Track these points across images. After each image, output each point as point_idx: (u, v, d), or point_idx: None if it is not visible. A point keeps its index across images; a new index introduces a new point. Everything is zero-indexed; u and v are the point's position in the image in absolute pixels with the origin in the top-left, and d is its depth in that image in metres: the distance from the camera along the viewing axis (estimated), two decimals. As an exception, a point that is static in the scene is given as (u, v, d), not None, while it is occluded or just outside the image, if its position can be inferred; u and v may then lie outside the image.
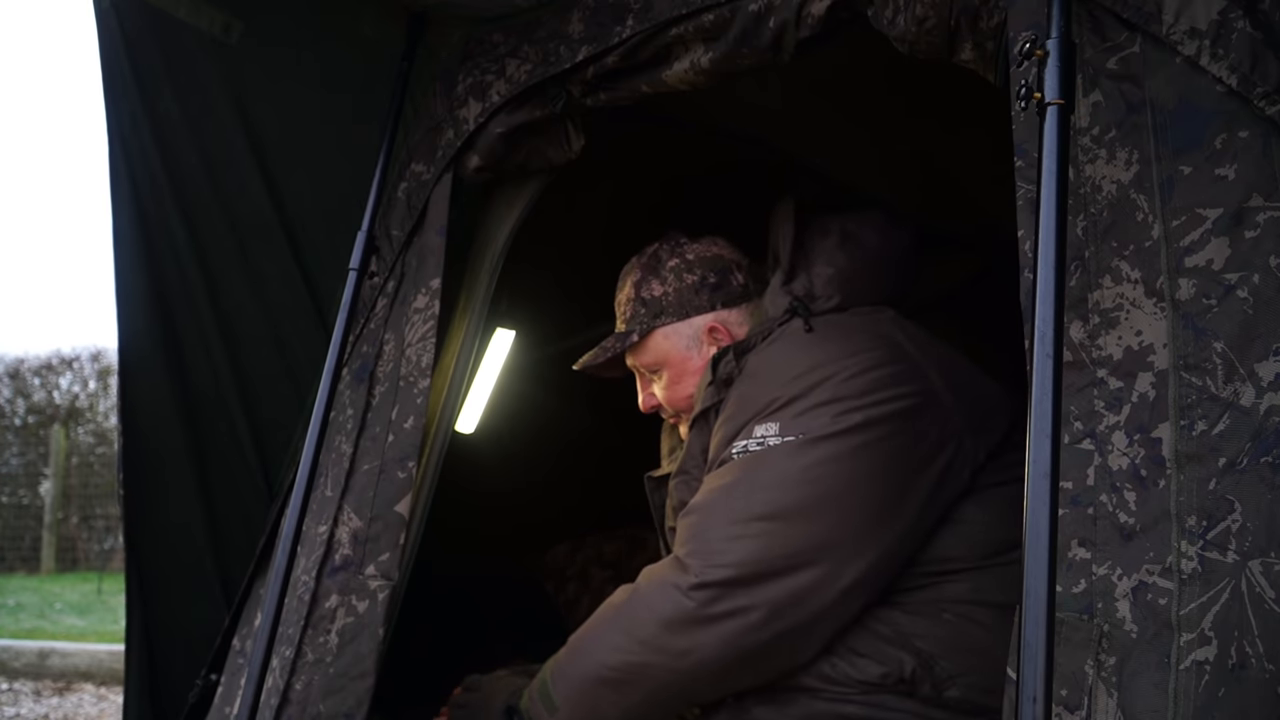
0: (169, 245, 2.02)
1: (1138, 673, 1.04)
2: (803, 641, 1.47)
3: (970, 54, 1.37)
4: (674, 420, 1.91)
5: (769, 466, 1.50)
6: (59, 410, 9.86)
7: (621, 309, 1.90)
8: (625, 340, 1.86)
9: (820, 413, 1.50)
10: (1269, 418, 1.03)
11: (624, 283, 1.91)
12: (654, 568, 1.56)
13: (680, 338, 1.85)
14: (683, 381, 1.85)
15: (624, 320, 1.89)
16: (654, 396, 1.91)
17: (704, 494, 1.57)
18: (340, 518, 1.75)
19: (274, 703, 1.65)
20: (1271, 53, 1.09)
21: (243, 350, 2.13)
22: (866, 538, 1.44)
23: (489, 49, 1.86)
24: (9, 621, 6.34)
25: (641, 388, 1.93)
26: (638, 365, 1.90)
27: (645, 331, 1.85)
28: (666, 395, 1.87)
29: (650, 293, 1.86)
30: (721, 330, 1.84)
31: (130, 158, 1.94)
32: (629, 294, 1.89)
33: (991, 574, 1.47)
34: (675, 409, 1.87)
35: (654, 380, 1.90)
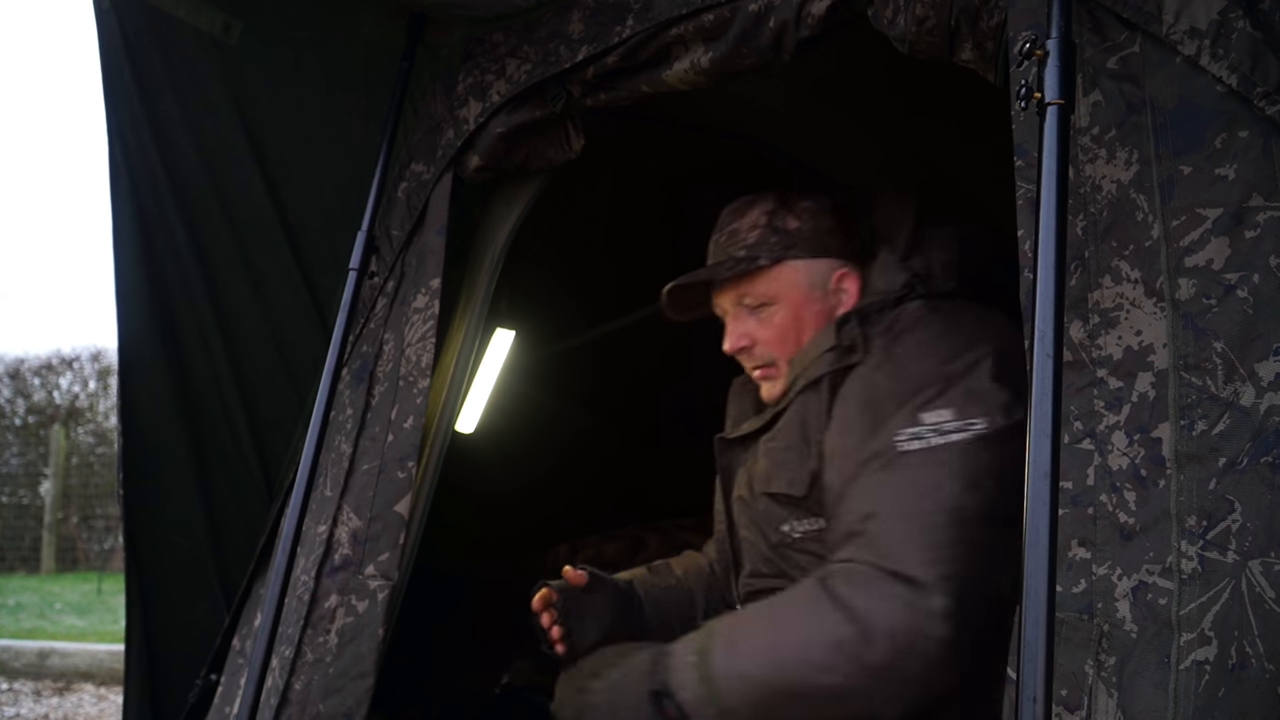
0: (169, 245, 2.02)
1: (1138, 673, 1.04)
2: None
3: (970, 54, 1.37)
4: (760, 372, 1.75)
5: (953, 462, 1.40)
6: (59, 410, 9.86)
7: (741, 236, 1.73)
8: (751, 263, 1.70)
9: (991, 394, 1.43)
10: (1269, 418, 1.03)
11: (745, 212, 1.75)
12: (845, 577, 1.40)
13: (807, 276, 1.72)
14: (795, 324, 1.71)
15: (743, 247, 1.72)
16: (748, 337, 1.73)
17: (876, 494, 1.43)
18: (340, 518, 1.75)
19: (274, 703, 1.65)
20: (1271, 53, 1.09)
21: (243, 350, 2.13)
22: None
23: (489, 49, 1.86)
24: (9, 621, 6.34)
25: (734, 325, 1.75)
26: (745, 297, 1.73)
27: (775, 259, 1.70)
28: (770, 336, 1.72)
29: (785, 224, 1.72)
30: (851, 282, 1.72)
31: (130, 158, 1.94)
32: (756, 221, 1.73)
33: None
34: (771, 356, 1.72)
35: (756, 316, 1.73)
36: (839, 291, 1.72)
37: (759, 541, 1.69)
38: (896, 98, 2.07)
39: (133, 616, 2.11)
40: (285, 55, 1.97)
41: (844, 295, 1.72)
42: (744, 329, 1.74)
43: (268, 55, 1.95)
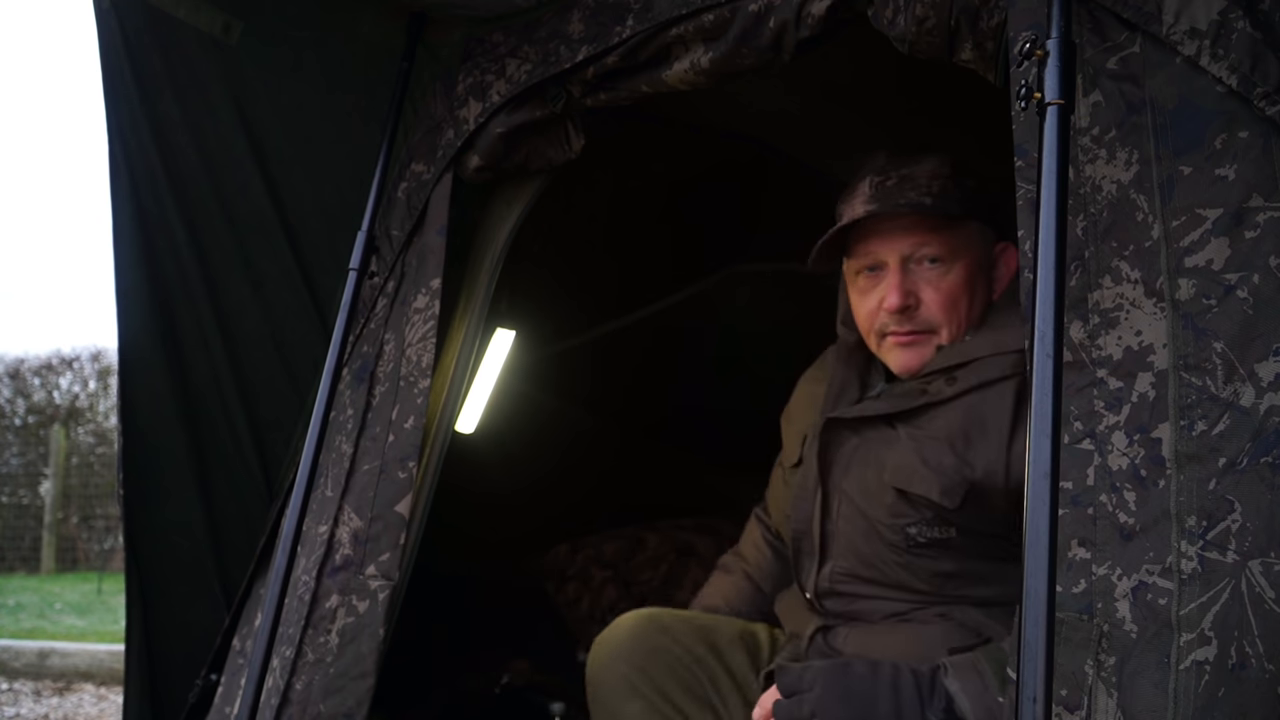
0: (169, 245, 2.02)
1: (1138, 673, 1.04)
2: None
3: (970, 54, 1.37)
4: (907, 338, 1.58)
5: None
6: (59, 410, 9.85)
7: (922, 183, 1.56)
8: (946, 211, 1.54)
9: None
10: (1269, 418, 1.03)
11: (919, 160, 1.59)
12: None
13: (985, 241, 1.60)
14: (967, 290, 1.57)
15: (929, 195, 1.55)
16: (914, 295, 1.56)
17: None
18: (340, 518, 1.75)
19: (274, 703, 1.65)
20: (1271, 53, 1.09)
21: (243, 350, 2.13)
22: None
23: (489, 49, 1.86)
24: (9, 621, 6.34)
25: (898, 279, 1.57)
26: (924, 247, 1.56)
27: (966, 213, 1.56)
28: (939, 299, 1.56)
29: (967, 181, 1.58)
30: (1011, 259, 1.60)
31: (130, 158, 1.94)
32: (938, 170, 1.57)
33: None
34: (934, 320, 1.57)
35: (924, 275, 1.57)
36: (996, 266, 1.61)
37: (867, 538, 1.56)
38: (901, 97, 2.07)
39: (133, 616, 2.11)
40: (285, 55, 1.97)
41: (1001, 270, 1.61)
42: (910, 285, 1.57)
43: (268, 55, 1.95)
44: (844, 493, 1.60)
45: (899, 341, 1.59)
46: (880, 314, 1.59)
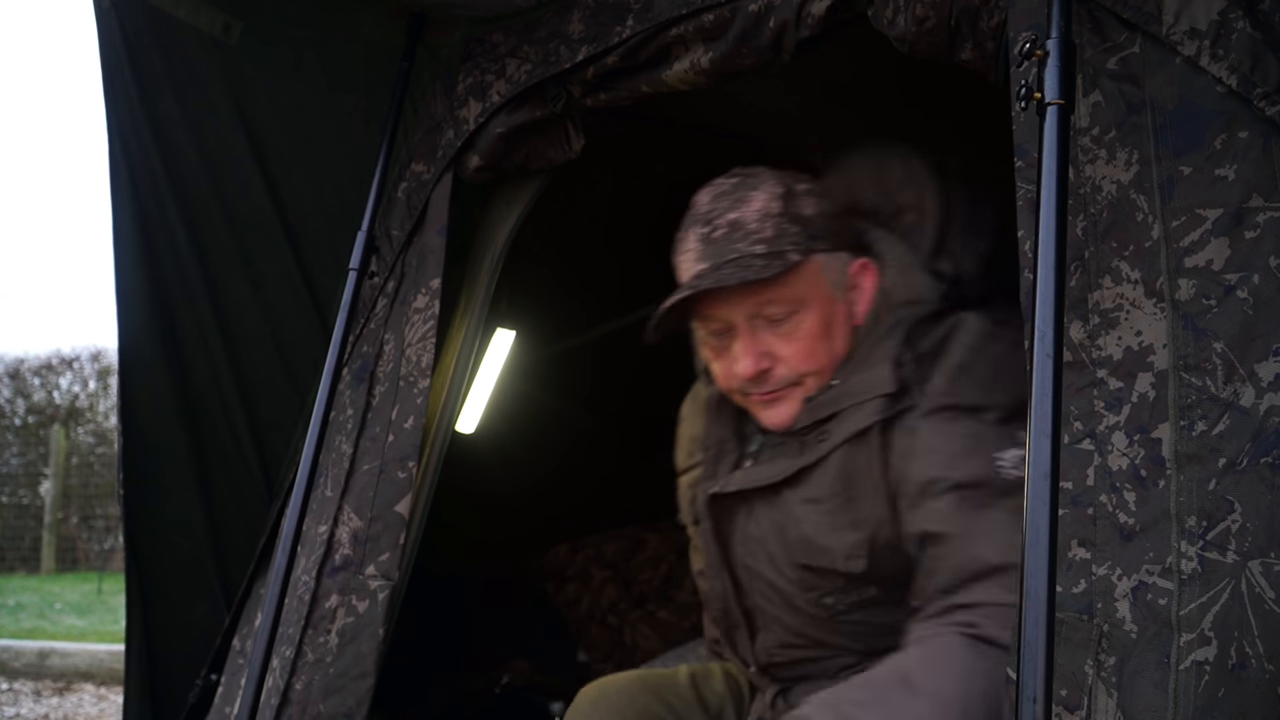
0: (169, 245, 2.02)
1: (1138, 673, 1.04)
2: None
3: (970, 54, 1.37)
4: (769, 395, 1.46)
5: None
6: (59, 410, 9.85)
7: (752, 229, 1.41)
8: (783, 262, 1.39)
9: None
10: (1269, 418, 1.03)
11: (748, 200, 1.44)
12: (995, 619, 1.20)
13: (831, 274, 1.46)
14: (826, 332, 1.44)
15: (761, 241, 1.41)
16: (769, 357, 1.43)
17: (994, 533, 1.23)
18: (340, 518, 1.75)
19: (274, 703, 1.65)
20: (1271, 53, 1.09)
21: (243, 350, 2.13)
22: None
23: (489, 49, 1.86)
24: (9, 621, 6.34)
25: (749, 343, 1.44)
26: (768, 305, 1.42)
27: (805, 253, 1.42)
28: (797, 351, 1.43)
29: (801, 210, 1.44)
30: (869, 276, 1.47)
31: (130, 158, 1.94)
32: (768, 209, 1.42)
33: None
34: (797, 374, 1.44)
35: (775, 329, 1.43)
36: (855, 289, 1.48)
37: (789, 611, 1.48)
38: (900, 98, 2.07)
39: (133, 616, 2.11)
40: (285, 55, 1.97)
41: (860, 292, 1.48)
42: (764, 347, 1.44)
43: (268, 55, 1.95)
44: (750, 569, 1.51)
45: (763, 400, 1.47)
46: (737, 379, 1.47)
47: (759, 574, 1.50)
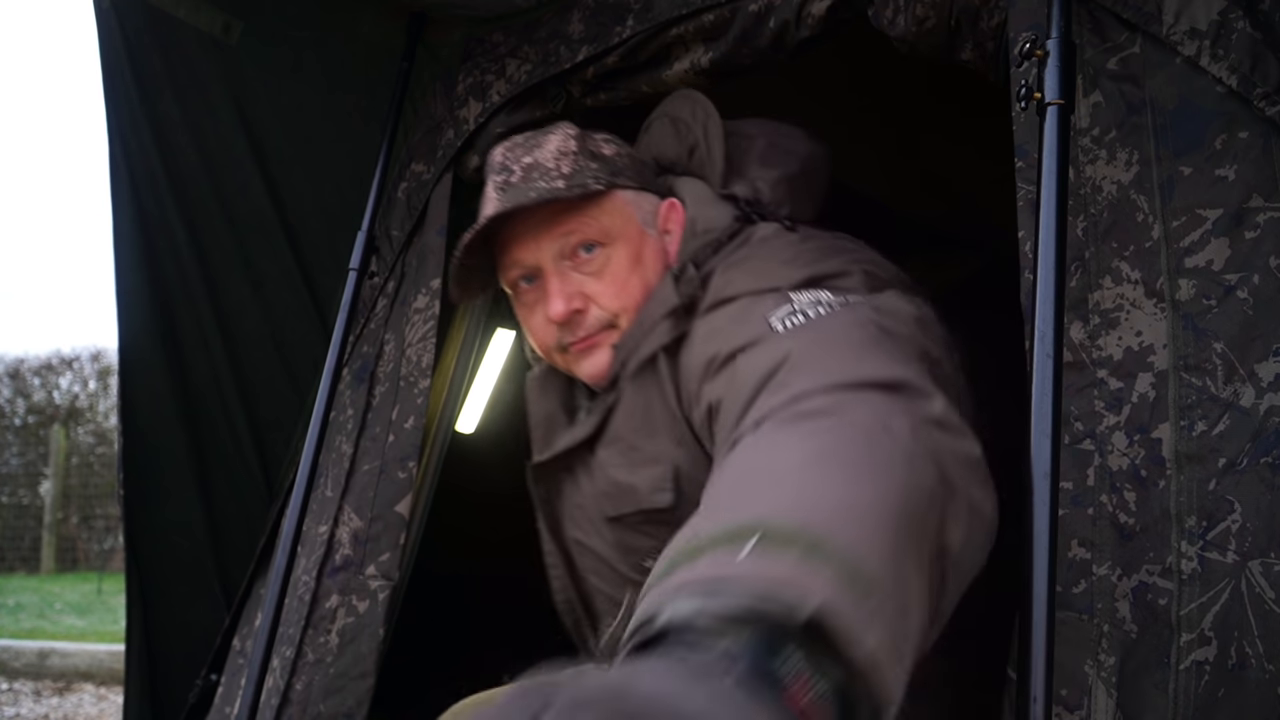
0: (169, 245, 2.02)
1: (1138, 673, 1.04)
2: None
3: (970, 54, 1.37)
4: (585, 342, 1.35)
5: (848, 320, 1.08)
6: (59, 410, 9.85)
7: (549, 168, 1.35)
8: (582, 189, 1.33)
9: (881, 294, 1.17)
10: (1269, 418, 1.03)
11: (541, 143, 1.38)
12: (818, 401, 0.90)
13: (640, 211, 1.38)
14: (638, 269, 1.35)
15: (560, 177, 1.34)
16: (581, 296, 1.34)
17: (772, 351, 1.04)
18: (340, 518, 1.75)
19: (274, 703, 1.65)
20: (1271, 53, 1.09)
21: (243, 350, 2.13)
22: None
23: (489, 49, 1.86)
24: (9, 621, 6.34)
25: (559, 284, 1.34)
26: (572, 236, 1.34)
27: (608, 186, 1.35)
28: (608, 289, 1.34)
29: (599, 149, 1.39)
30: (678, 216, 1.39)
31: (130, 158, 1.94)
32: (563, 148, 1.36)
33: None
34: (611, 314, 1.34)
35: (584, 269, 1.35)
36: (667, 231, 1.40)
37: (620, 586, 1.34)
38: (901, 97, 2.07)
39: (133, 616, 2.11)
40: (285, 55, 1.97)
41: (672, 234, 1.39)
42: (574, 287, 1.34)
43: (268, 55, 1.95)
44: (580, 544, 1.39)
45: (580, 350, 1.36)
46: (552, 328, 1.37)
47: (586, 547, 1.37)
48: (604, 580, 1.37)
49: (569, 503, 1.40)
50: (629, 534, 1.30)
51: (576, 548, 1.40)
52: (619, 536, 1.31)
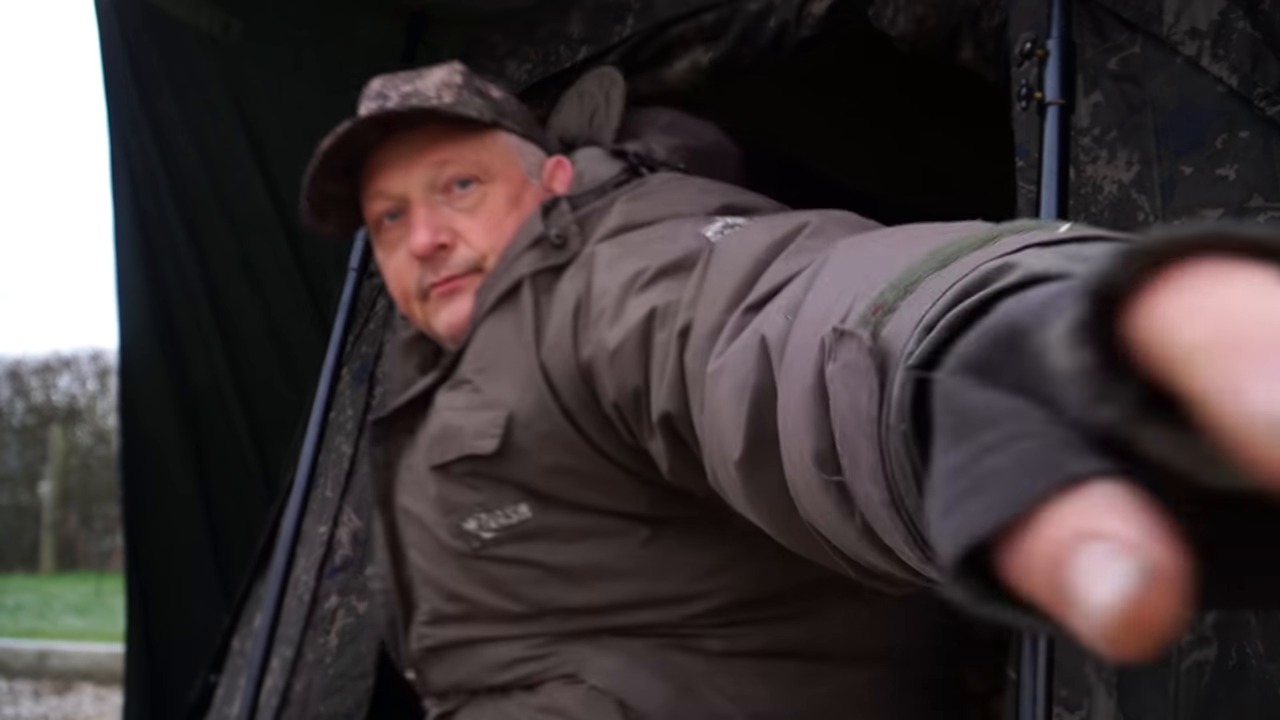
0: (169, 245, 2.02)
1: (1138, 673, 1.04)
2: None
3: (971, 54, 1.37)
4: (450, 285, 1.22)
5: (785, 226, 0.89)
6: (58, 411, 9.85)
7: (429, 94, 1.25)
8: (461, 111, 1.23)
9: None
10: (1269, 418, 1.03)
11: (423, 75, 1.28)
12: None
13: (524, 159, 1.28)
14: (517, 212, 1.23)
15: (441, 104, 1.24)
16: (449, 230, 1.21)
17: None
18: (340, 518, 1.75)
19: (274, 703, 1.65)
20: (1272, 53, 1.09)
21: (243, 350, 2.13)
22: None
23: (489, 49, 1.86)
24: (8, 622, 6.34)
25: (427, 214, 1.21)
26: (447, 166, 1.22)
27: (491, 122, 1.26)
28: (479, 226, 1.22)
29: (487, 90, 1.30)
30: (565, 173, 1.28)
31: (130, 158, 1.94)
32: (448, 80, 1.27)
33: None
34: (479, 254, 1.21)
35: (456, 204, 1.22)
36: (552, 189, 1.28)
37: (438, 559, 1.19)
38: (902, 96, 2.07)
39: (133, 616, 2.11)
40: (285, 55, 1.97)
41: (556, 191, 1.28)
42: (444, 221, 1.22)
43: (268, 55, 1.95)
44: (407, 512, 1.24)
45: (442, 293, 1.22)
46: (414, 267, 1.23)
47: (412, 515, 1.22)
48: (424, 554, 1.21)
49: (403, 464, 1.25)
50: (452, 486, 1.15)
51: (403, 518, 1.25)
52: (441, 489, 1.16)
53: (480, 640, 1.19)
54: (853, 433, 0.46)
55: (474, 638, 1.19)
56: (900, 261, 0.49)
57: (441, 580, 1.19)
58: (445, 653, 1.22)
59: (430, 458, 1.17)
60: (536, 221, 1.18)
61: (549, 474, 1.11)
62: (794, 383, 0.56)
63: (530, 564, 1.14)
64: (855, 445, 0.45)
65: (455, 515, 1.15)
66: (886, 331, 0.44)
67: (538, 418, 1.10)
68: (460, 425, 1.14)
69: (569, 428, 1.08)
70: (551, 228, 1.16)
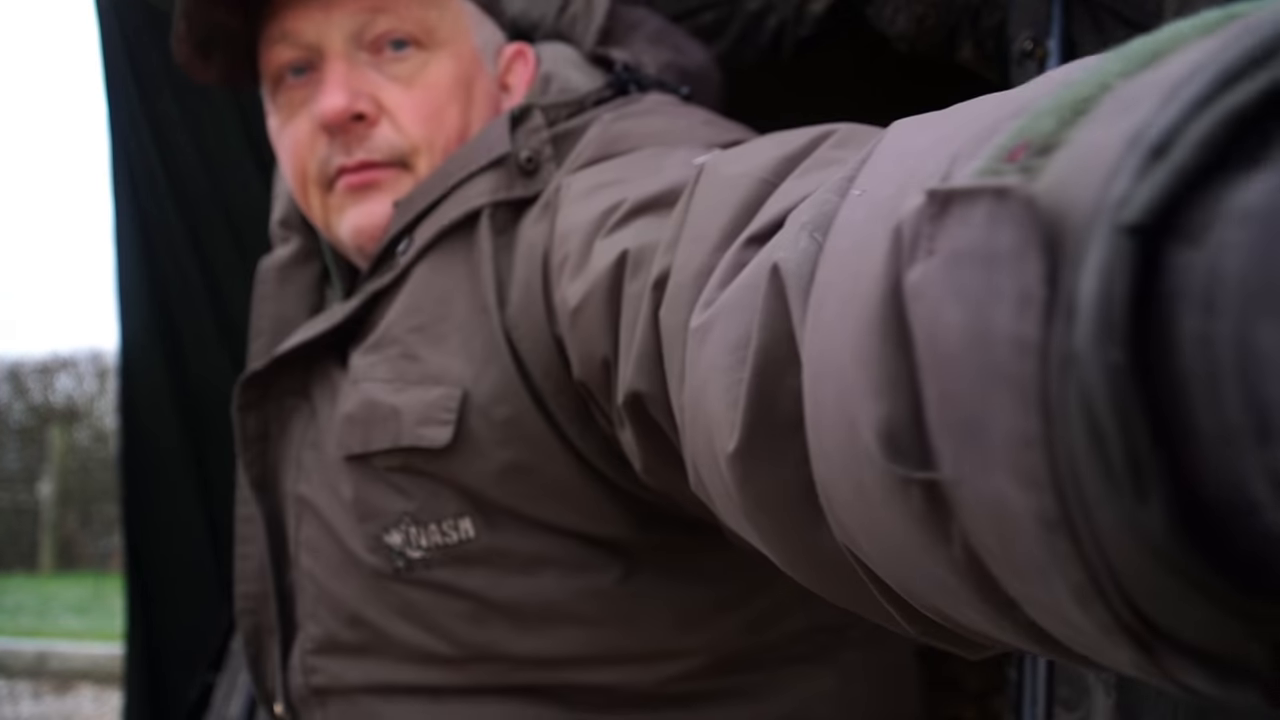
0: (169, 245, 2.02)
1: (1138, 672, 1.04)
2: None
3: (970, 53, 1.37)
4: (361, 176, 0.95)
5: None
6: (57, 411, 9.85)
7: None
8: None
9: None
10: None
11: None
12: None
13: (480, 33, 1.01)
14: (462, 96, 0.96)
15: None
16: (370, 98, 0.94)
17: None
18: (340, 517, 1.75)
19: (274, 702, 1.65)
20: (1271, 52, 1.09)
21: (243, 350, 2.12)
22: None
23: None
24: (7, 622, 6.33)
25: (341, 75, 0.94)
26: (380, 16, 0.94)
27: None
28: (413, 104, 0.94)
29: None
30: (525, 65, 1.03)
31: (130, 158, 1.94)
32: None
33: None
34: (411, 140, 0.95)
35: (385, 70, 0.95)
36: (508, 84, 1.04)
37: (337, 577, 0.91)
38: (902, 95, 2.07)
39: (133, 616, 2.11)
40: (285, 55, 1.97)
41: (512, 89, 1.04)
42: (367, 85, 0.94)
43: (267, 55, 1.95)
44: (303, 503, 0.95)
45: (352, 185, 0.95)
46: (318, 141, 0.96)
47: (313, 507, 0.94)
48: (321, 562, 0.93)
49: (297, 440, 0.97)
50: (373, 485, 0.88)
51: (297, 509, 0.96)
52: (359, 489, 0.89)
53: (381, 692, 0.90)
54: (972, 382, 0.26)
55: (381, 684, 0.90)
56: (1024, 100, 0.32)
57: (343, 599, 0.91)
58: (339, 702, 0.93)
59: (345, 444, 0.89)
60: (501, 133, 0.91)
61: (504, 477, 0.84)
62: (836, 318, 0.36)
63: (466, 595, 0.87)
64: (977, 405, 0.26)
65: (374, 524, 0.89)
66: (1048, 179, 0.25)
67: (498, 400, 0.83)
68: (393, 405, 0.85)
69: (537, 415, 0.82)
70: (521, 147, 0.89)
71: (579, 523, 0.86)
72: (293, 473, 0.97)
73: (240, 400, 1.00)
